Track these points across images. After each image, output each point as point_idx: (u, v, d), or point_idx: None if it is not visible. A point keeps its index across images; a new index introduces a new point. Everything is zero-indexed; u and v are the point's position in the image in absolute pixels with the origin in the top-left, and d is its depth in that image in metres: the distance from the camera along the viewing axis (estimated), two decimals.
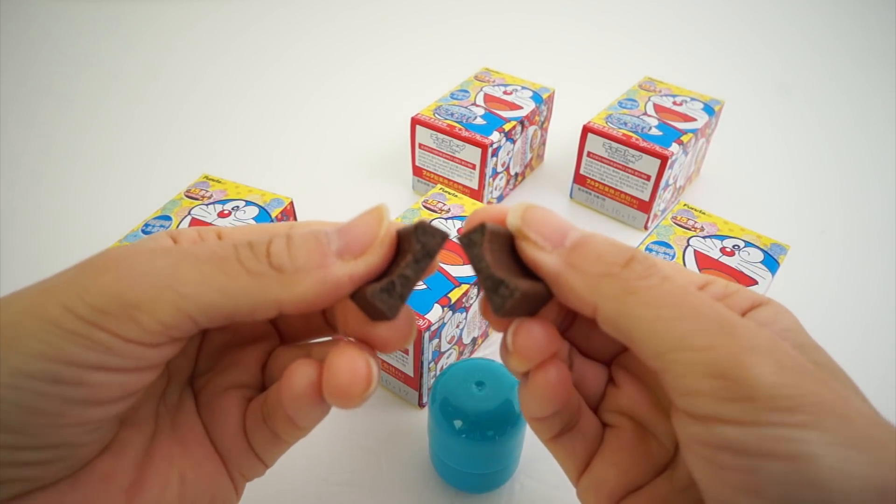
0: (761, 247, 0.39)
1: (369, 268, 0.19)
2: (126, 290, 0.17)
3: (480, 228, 0.19)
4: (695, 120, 0.51)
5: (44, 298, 0.17)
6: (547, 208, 0.20)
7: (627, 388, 0.22)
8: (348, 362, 0.19)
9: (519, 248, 0.20)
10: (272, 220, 0.41)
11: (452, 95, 0.53)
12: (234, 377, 0.22)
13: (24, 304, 0.17)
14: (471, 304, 0.37)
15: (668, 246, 0.39)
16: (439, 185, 0.44)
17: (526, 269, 0.20)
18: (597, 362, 0.24)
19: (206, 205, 0.41)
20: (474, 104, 0.52)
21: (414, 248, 0.19)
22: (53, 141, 0.62)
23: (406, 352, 0.35)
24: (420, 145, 0.52)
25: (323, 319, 0.24)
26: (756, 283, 0.37)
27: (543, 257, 0.19)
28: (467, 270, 0.37)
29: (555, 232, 0.19)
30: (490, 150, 0.48)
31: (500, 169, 0.51)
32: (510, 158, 0.52)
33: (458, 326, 0.37)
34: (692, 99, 0.53)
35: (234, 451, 0.22)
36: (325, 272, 0.18)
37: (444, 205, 0.42)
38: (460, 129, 0.49)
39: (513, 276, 0.19)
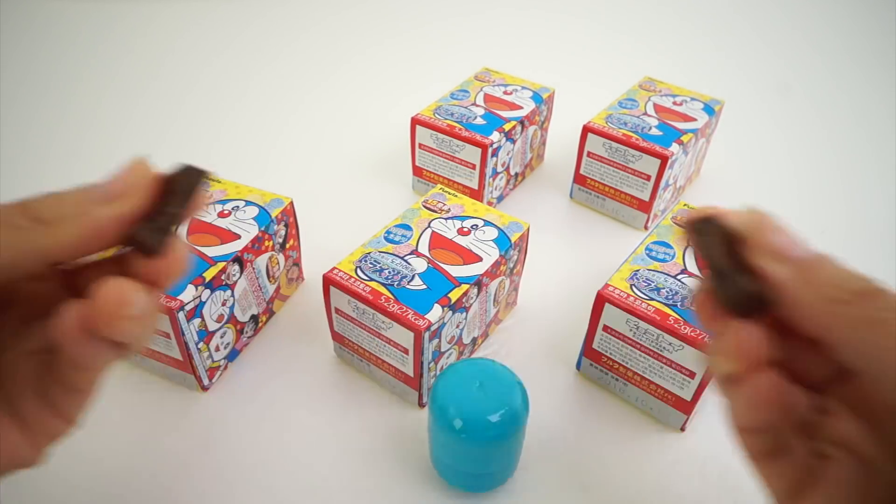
0: None
1: (130, 208, 0.21)
2: None
3: (712, 221, 0.20)
4: (695, 120, 0.51)
5: None
6: (779, 221, 0.20)
7: (847, 421, 0.21)
8: (113, 286, 0.20)
9: (749, 253, 0.20)
10: (272, 220, 0.41)
11: (452, 95, 0.53)
12: (28, 345, 0.23)
13: None
14: (471, 304, 0.37)
15: (668, 246, 0.39)
16: (439, 185, 0.44)
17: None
18: (800, 385, 0.22)
19: (206, 205, 0.41)
20: (474, 104, 0.52)
21: (177, 187, 0.21)
22: (53, 141, 0.62)
23: (406, 352, 0.35)
24: (420, 145, 0.52)
25: None
26: None
27: (777, 267, 0.19)
28: (467, 271, 0.37)
29: (789, 245, 0.19)
30: (490, 150, 0.48)
31: (500, 169, 0.51)
32: (510, 158, 0.52)
33: (458, 326, 0.37)
34: (692, 99, 0.53)
35: (32, 412, 0.23)
36: (87, 217, 0.20)
37: (444, 205, 0.42)
38: (460, 129, 0.49)
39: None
